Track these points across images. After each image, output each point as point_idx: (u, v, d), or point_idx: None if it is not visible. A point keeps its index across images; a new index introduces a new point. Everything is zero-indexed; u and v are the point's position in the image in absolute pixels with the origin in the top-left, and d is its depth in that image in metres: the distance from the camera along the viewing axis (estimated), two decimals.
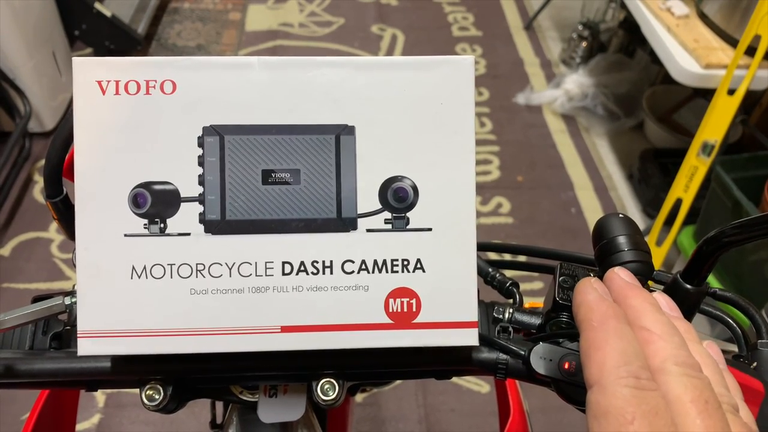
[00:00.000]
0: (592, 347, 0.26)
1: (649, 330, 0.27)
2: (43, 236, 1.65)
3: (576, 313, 0.29)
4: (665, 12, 1.55)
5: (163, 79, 0.33)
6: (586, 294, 0.29)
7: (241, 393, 0.43)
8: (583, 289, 0.30)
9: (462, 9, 2.61)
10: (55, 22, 1.87)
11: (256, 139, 0.33)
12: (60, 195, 0.38)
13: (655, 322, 0.27)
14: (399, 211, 0.34)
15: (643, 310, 0.28)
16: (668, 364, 0.26)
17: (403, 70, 0.34)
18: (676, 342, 0.27)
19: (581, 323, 0.28)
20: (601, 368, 0.25)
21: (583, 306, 0.29)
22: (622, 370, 0.25)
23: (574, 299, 0.30)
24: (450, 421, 1.35)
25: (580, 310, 0.29)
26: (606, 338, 0.26)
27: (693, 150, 1.41)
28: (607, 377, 0.25)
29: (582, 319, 0.28)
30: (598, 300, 0.28)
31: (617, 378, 0.25)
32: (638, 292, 0.29)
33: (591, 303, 0.28)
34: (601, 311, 0.28)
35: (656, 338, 0.27)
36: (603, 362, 0.25)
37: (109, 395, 1.35)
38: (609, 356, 0.26)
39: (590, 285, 0.30)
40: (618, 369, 0.25)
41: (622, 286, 0.30)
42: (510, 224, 1.77)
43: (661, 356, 0.26)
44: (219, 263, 0.33)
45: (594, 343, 0.27)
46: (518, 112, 2.15)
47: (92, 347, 0.33)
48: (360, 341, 0.34)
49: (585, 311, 0.28)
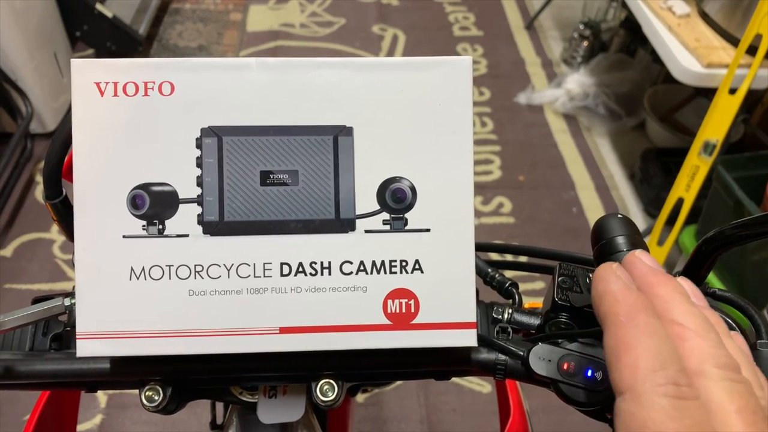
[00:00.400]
0: (622, 347, 0.23)
1: (681, 325, 0.24)
2: (45, 237, 1.65)
3: (598, 305, 0.25)
4: (666, 11, 1.55)
5: (161, 80, 0.33)
6: (609, 282, 0.25)
7: (240, 394, 0.43)
8: (605, 276, 0.26)
9: (463, 9, 2.61)
10: (56, 23, 1.88)
11: (255, 140, 0.33)
12: (59, 196, 0.38)
13: (687, 315, 0.24)
14: (397, 212, 0.34)
15: (672, 300, 0.25)
16: (707, 366, 0.22)
17: (401, 70, 0.34)
18: (713, 339, 0.23)
19: (605, 317, 0.24)
20: (633, 372, 0.22)
21: (608, 296, 0.25)
22: (659, 376, 0.22)
23: (594, 288, 0.26)
24: (451, 421, 1.35)
25: (604, 301, 0.25)
26: (637, 336, 0.23)
27: (694, 149, 1.41)
28: (642, 384, 0.22)
29: (606, 312, 0.24)
30: (623, 290, 0.25)
31: (654, 385, 0.21)
32: (666, 279, 0.26)
33: (616, 293, 0.25)
34: (629, 303, 0.24)
35: (691, 334, 0.23)
36: (636, 365, 0.22)
37: (111, 396, 1.35)
38: (642, 358, 0.22)
39: (613, 272, 0.26)
40: (654, 374, 0.22)
41: (645, 272, 0.26)
42: (511, 224, 1.77)
43: (698, 356, 0.23)
44: (217, 264, 0.33)
45: (623, 341, 0.23)
46: (519, 112, 2.15)
47: (91, 348, 0.33)
48: (358, 342, 0.34)
49: (609, 303, 0.24)
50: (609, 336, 0.24)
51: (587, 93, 2.08)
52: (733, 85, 1.33)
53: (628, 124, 2.07)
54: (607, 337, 0.24)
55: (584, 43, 2.25)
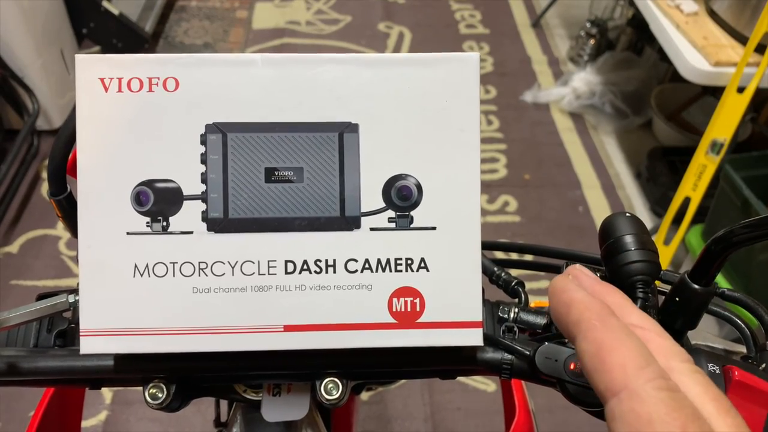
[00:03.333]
0: (604, 349, 0.23)
1: (641, 327, 0.25)
2: (51, 233, 1.66)
3: (565, 314, 0.26)
4: (674, 9, 1.54)
5: (166, 76, 0.33)
6: (572, 291, 0.26)
7: (244, 392, 0.43)
8: (565, 286, 0.26)
9: (469, 6, 2.60)
10: (63, 20, 1.88)
11: (259, 136, 0.33)
12: (64, 193, 0.38)
13: (642, 318, 0.25)
14: (403, 210, 0.33)
15: (624, 306, 0.26)
16: (675, 362, 0.23)
17: (408, 67, 0.33)
18: (669, 337, 0.24)
19: (577, 324, 0.25)
20: (624, 371, 0.22)
21: (576, 304, 0.25)
22: (649, 372, 0.22)
23: (557, 300, 0.26)
24: (456, 419, 1.35)
25: (572, 309, 0.25)
26: (618, 337, 0.23)
27: (702, 148, 1.40)
28: (636, 380, 0.22)
29: (578, 319, 0.25)
30: (588, 297, 0.25)
31: (647, 381, 0.22)
32: (611, 288, 0.27)
33: (584, 300, 0.25)
34: (598, 308, 0.25)
35: (652, 335, 0.24)
36: (624, 364, 0.22)
37: (116, 392, 1.36)
38: (629, 357, 0.22)
39: (572, 282, 0.27)
40: (644, 370, 0.22)
41: (592, 283, 0.27)
42: (517, 223, 1.77)
43: (664, 354, 0.24)
44: (221, 262, 0.33)
45: (605, 344, 0.23)
46: (525, 110, 2.14)
47: (95, 345, 0.33)
48: (363, 341, 0.33)
49: (580, 310, 0.25)
50: (587, 341, 0.24)
51: (594, 91, 2.07)
52: (741, 83, 1.32)
53: (634, 123, 2.06)
54: (584, 343, 0.24)
55: (591, 41, 2.24)
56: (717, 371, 0.34)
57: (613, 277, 0.35)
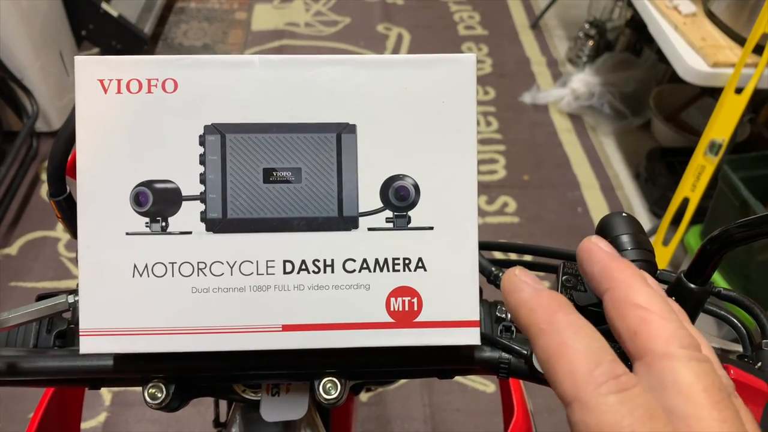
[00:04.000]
0: (553, 356, 0.22)
1: (644, 308, 0.23)
2: (50, 235, 1.66)
3: (516, 318, 0.25)
4: (672, 10, 1.55)
5: (164, 77, 0.33)
6: (518, 292, 0.25)
7: (243, 392, 0.43)
8: (511, 286, 0.25)
9: (468, 8, 2.60)
10: (62, 22, 1.88)
11: (258, 137, 0.33)
12: (63, 194, 0.38)
13: (649, 298, 0.24)
14: (400, 210, 0.34)
15: (633, 284, 0.24)
16: (673, 348, 0.22)
17: (405, 68, 0.34)
18: (675, 320, 0.23)
19: (527, 329, 0.24)
20: (573, 379, 0.21)
21: (522, 307, 0.24)
22: (598, 374, 0.21)
23: (506, 302, 0.25)
24: (455, 420, 1.35)
25: (521, 313, 0.24)
26: (563, 339, 0.22)
27: (700, 149, 1.40)
28: (585, 388, 0.21)
29: (526, 323, 0.24)
30: (535, 294, 0.24)
31: (596, 386, 0.21)
32: (624, 264, 0.25)
33: (529, 301, 0.24)
34: (544, 306, 0.24)
35: (654, 317, 0.23)
36: (573, 371, 0.22)
37: (116, 393, 1.36)
38: (576, 360, 0.22)
39: (519, 279, 0.25)
40: (592, 375, 0.21)
41: (604, 258, 0.25)
42: (516, 223, 1.77)
43: (664, 338, 0.22)
44: (220, 262, 0.33)
45: (553, 349, 0.22)
46: (524, 111, 2.14)
47: (94, 345, 0.33)
48: (361, 340, 0.34)
49: (526, 314, 0.24)
50: (537, 348, 0.23)
51: (592, 92, 2.08)
52: (740, 84, 1.32)
53: (633, 124, 2.06)
54: (536, 349, 0.23)
55: (590, 42, 2.24)
56: None
57: None
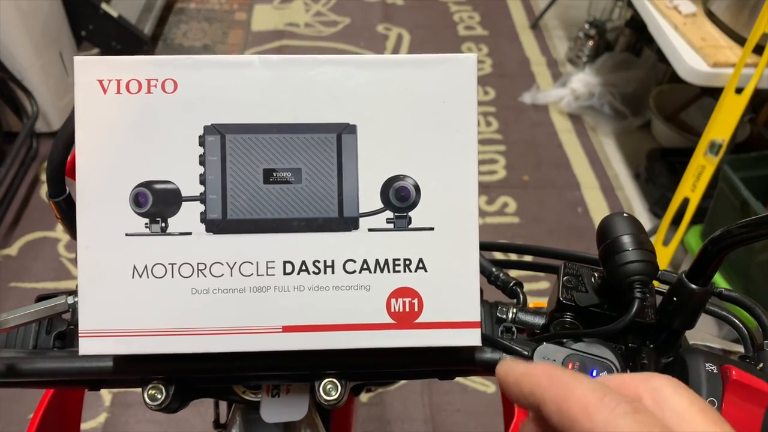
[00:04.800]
0: (563, 402, 0.23)
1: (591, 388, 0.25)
2: (50, 236, 1.66)
3: (519, 393, 0.26)
4: (672, 10, 1.54)
5: (164, 78, 0.33)
6: (514, 369, 0.27)
7: (243, 393, 0.43)
8: (508, 369, 0.27)
9: (468, 8, 2.60)
10: (62, 22, 1.88)
11: (258, 138, 0.33)
12: (63, 194, 0.38)
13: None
14: (401, 211, 0.34)
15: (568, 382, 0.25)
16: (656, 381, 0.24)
17: (405, 68, 0.33)
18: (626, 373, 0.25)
19: (533, 395, 0.25)
20: (586, 411, 0.22)
21: (523, 380, 0.26)
22: (608, 400, 0.22)
23: (507, 388, 0.27)
24: (455, 421, 1.35)
25: (522, 384, 0.26)
26: (567, 384, 0.24)
27: (700, 149, 1.40)
28: (599, 415, 0.22)
29: (531, 391, 0.25)
30: (529, 366, 0.26)
31: (609, 411, 0.22)
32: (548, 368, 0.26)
33: (527, 371, 0.26)
34: (541, 370, 0.26)
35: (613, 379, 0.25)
36: (584, 406, 0.23)
37: (116, 394, 1.36)
38: (585, 396, 0.23)
39: (511, 363, 0.28)
40: (603, 401, 0.22)
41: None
42: (516, 224, 1.77)
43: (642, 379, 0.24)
44: (220, 263, 0.33)
45: (560, 397, 0.24)
46: (524, 112, 2.14)
47: (93, 346, 0.33)
48: (361, 341, 0.34)
49: (528, 383, 0.25)
50: (547, 403, 0.24)
51: (592, 92, 2.07)
52: (740, 84, 1.32)
53: (633, 124, 2.06)
54: (546, 406, 0.24)
55: (589, 42, 2.24)
56: (715, 371, 0.34)
57: (610, 278, 0.36)
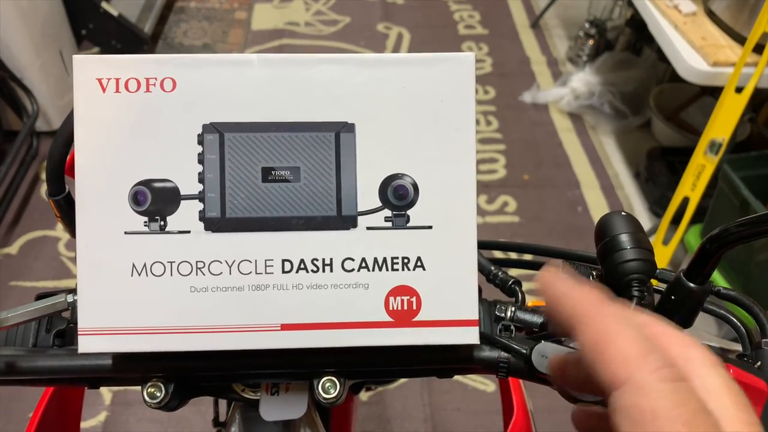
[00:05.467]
0: (603, 340, 0.22)
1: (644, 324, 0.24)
2: (50, 234, 1.66)
3: (557, 308, 0.25)
4: (672, 10, 1.54)
5: (163, 76, 0.33)
6: (562, 282, 0.25)
7: (243, 391, 0.43)
8: (554, 279, 0.25)
9: (468, 7, 2.60)
10: (62, 21, 1.88)
11: (256, 136, 0.33)
12: (62, 193, 0.38)
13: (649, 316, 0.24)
14: (399, 209, 0.34)
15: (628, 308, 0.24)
16: (693, 352, 0.22)
17: (404, 66, 0.34)
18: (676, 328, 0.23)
19: (572, 316, 0.24)
20: (626, 362, 0.21)
21: (568, 296, 0.24)
22: (653, 360, 0.21)
23: (547, 292, 0.25)
24: (455, 420, 1.35)
25: (565, 300, 0.24)
26: (616, 326, 0.22)
27: (700, 148, 1.40)
28: (639, 372, 0.21)
29: (573, 311, 0.24)
30: (577, 285, 0.24)
31: (650, 371, 0.20)
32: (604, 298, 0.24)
33: (575, 291, 0.24)
34: (592, 297, 0.24)
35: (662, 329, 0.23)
36: (626, 355, 0.21)
37: (116, 393, 1.36)
38: (628, 345, 0.21)
39: (559, 274, 0.25)
40: (646, 360, 0.21)
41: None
42: (516, 223, 1.77)
43: (682, 344, 0.23)
44: (219, 261, 0.33)
45: (603, 334, 0.22)
46: (524, 111, 2.14)
47: (93, 344, 0.33)
48: (360, 339, 0.34)
49: (573, 301, 0.24)
50: (586, 332, 0.23)
51: (592, 92, 2.07)
52: (740, 83, 1.32)
53: (633, 123, 2.06)
54: (583, 334, 0.23)
55: (590, 41, 2.24)
56: None
57: (608, 276, 0.36)
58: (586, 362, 0.23)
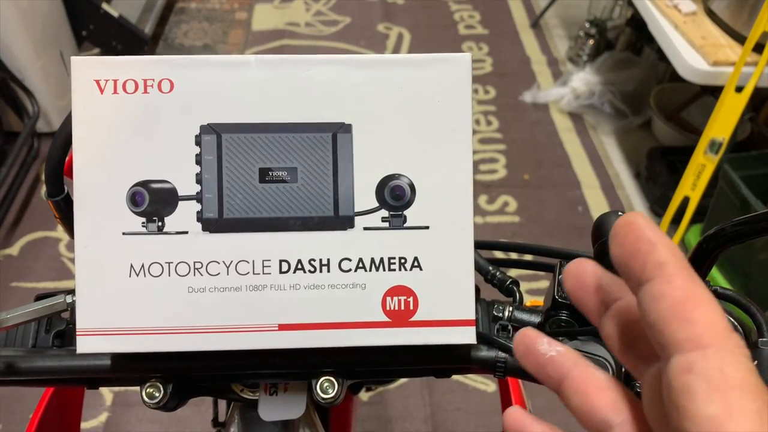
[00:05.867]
0: (692, 300, 0.20)
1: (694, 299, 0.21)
2: (51, 235, 1.66)
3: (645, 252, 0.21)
4: (672, 9, 1.54)
5: (161, 78, 0.33)
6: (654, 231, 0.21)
7: (241, 391, 0.43)
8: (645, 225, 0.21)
9: (468, 7, 2.60)
10: (62, 22, 1.89)
11: (254, 137, 0.33)
12: (61, 194, 0.38)
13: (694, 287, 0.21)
14: (396, 209, 0.34)
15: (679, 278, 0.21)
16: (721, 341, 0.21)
17: (401, 67, 0.34)
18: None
19: (662, 266, 0.20)
20: (714, 329, 0.19)
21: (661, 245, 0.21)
22: (737, 339, 0.19)
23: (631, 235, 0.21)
24: (456, 420, 1.35)
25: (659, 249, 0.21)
26: (704, 293, 0.20)
27: (700, 148, 1.40)
28: (727, 341, 0.19)
29: (663, 260, 0.20)
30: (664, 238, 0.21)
31: (736, 345, 0.19)
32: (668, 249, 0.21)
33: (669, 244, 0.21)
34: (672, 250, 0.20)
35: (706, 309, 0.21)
36: (713, 322, 0.19)
37: (116, 394, 1.36)
38: (716, 317, 0.19)
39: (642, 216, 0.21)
40: (732, 334, 0.19)
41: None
42: (516, 223, 1.77)
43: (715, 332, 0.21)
44: (216, 261, 0.33)
45: (693, 294, 0.20)
46: (525, 111, 2.14)
47: (91, 345, 0.33)
48: (357, 339, 0.34)
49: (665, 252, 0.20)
50: (672, 287, 0.20)
51: (593, 91, 2.07)
52: (740, 83, 1.32)
53: (633, 123, 2.06)
54: (667, 286, 0.20)
55: (590, 41, 2.24)
56: None
57: None
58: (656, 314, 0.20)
